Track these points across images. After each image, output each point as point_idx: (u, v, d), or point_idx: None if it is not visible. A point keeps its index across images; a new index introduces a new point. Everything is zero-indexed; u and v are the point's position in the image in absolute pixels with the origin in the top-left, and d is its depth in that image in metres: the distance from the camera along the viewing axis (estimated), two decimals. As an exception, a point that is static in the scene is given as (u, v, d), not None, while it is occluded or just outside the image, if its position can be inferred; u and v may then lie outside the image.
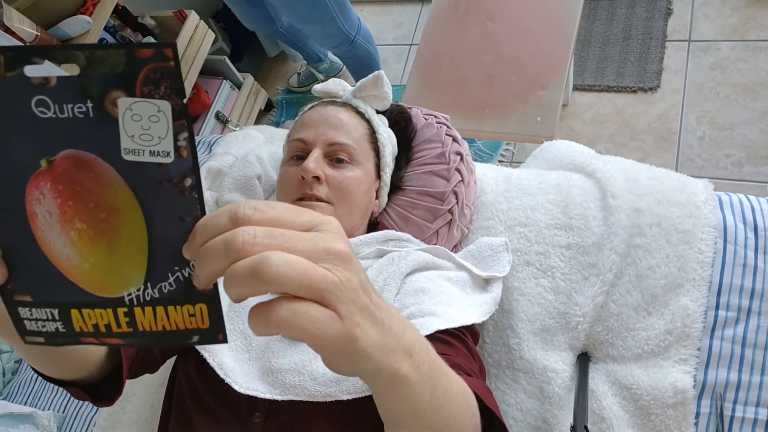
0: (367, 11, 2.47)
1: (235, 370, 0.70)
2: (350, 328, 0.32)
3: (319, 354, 0.34)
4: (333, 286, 0.31)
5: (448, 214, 0.91)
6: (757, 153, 1.66)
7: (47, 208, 0.32)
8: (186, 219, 0.32)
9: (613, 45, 1.99)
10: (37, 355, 0.52)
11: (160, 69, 0.29)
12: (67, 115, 0.30)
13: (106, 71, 0.29)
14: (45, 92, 0.30)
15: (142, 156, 0.31)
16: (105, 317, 0.34)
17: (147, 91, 0.30)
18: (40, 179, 0.32)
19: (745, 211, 0.87)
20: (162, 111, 0.30)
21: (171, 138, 0.31)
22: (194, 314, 0.34)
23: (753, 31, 1.85)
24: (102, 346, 0.44)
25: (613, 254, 0.84)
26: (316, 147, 0.81)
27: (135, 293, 0.34)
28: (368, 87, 0.90)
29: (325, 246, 0.32)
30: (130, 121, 0.30)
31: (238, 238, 0.30)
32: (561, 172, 0.98)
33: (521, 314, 0.86)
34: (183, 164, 0.31)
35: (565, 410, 0.80)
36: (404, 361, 0.38)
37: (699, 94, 1.81)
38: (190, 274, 0.33)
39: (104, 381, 0.63)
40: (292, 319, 0.30)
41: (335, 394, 0.66)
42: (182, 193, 0.32)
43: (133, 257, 0.33)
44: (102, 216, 0.32)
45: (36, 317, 0.35)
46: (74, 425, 1.06)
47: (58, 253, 0.33)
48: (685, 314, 0.80)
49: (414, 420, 0.42)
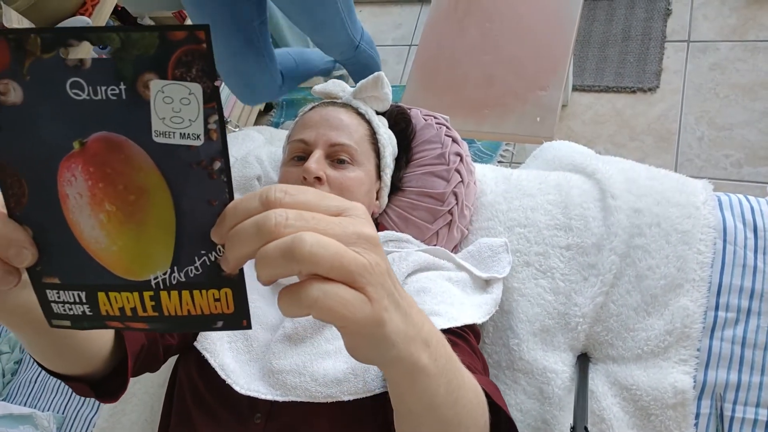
0: (366, 12, 2.47)
1: (236, 371, 0.70)
2: (379, 312, 0.33)
3: (345, 338, 0.34)
4: (363, 268, 0.31)
5: (448, 215, 0.91)
6: (756, 153, 1.67)
7: (78, 190, 0.32)
8: (214, 203, 0.32)
9: (612, 45, 1.99)
10: (43, 348, 0.52)
11: (192, 51, 0.29)
12: (100, 97, 0.30)
13: (139, 53, 0.29)
14: (80, 74, 0.30)
15: (173, 138, 0.31)
16: (131, 300, 0.34)
17: (179, 74, 0.30)
18: (72, 161, 0.32)
19: (745, 211, 0.87)
20: (193, 93, 0.30)
21: (201, 121, 0.31)
22: (219, 299, 0.34)
23: (752, 32, 1.86)
24: (126, 330, 0.44)
25: (612, 255, 0.84)
26: (317, 148, 0.81)
27: (161, 276, 0.34)
28: (368, 88, 0.90)
29: (354, 230, 0.32)
30: (162, 103, 0.30)
31: (270, 220, 0.30)
32: (560, 172, 0.98)
33: (521, 315, 0.86)
34: (212, 147, 0.31)
35: (565, 411, 0.80)
36: (423, 352, 0.38)
37: (698, 95, 1.81)
38: (217, 258, 0.33)
39: (107, 377, 0.63)
40: (323, 299, 0.30)
41: (336, 395, 0.66)
42: (211, 177, 0.32)
43: (160, 240, 0.33)
44: (131, 198, 0.32)
45: (63, 300, 0.35)
46: (74, 426, 1.06)
47: (88, 235, 0.33)
48: (685, 315, 0.80)
49: (429, 414, 0.42)
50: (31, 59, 0.30)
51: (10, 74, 0.30)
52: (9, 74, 0.30)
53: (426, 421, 0.43)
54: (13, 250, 0.32)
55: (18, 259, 0.32)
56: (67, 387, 1.12)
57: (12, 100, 0.31)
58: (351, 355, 0.36)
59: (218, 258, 0.33)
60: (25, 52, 0.30)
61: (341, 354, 0.70)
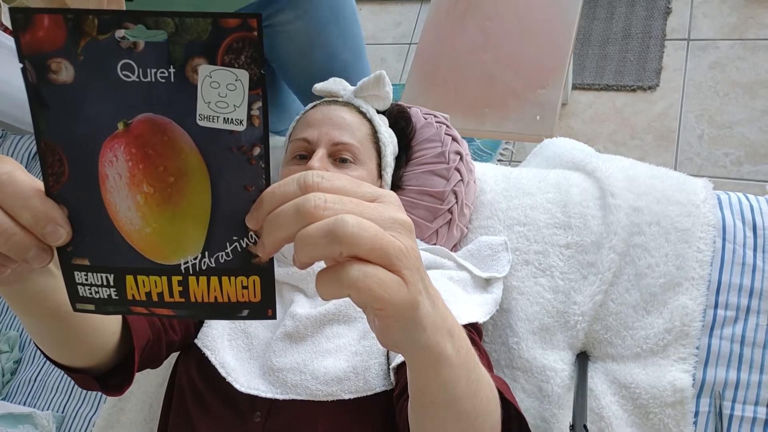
0: (366, 10, 2.46)
1: (237, 369, 0.70)
2: (414, 295, 0.33)
3: (379, 321, 0.35)
4: (400, 252, 0.32)
5: (448, 213, 0.91)
6: (756, 152, 1.66)
7: (118, 171, 0.32)
8: (250, 188, 0.33)
9: (612, 44, 1.99)
10: (53, 337, 0.52)
11: (243, 39, 0.30)
12: (149, 79, 0.31)
13: (192, 38, 0.30)
14: (132, 56, 0.30)
15: (216, 123, 0.31)
16: (159, 285, 0.34)
17: (228, 60, 0.30)
18: (115, 141, 0.32)
19: (744, 210, 0.87)
20: (240, 80, 0.31)
21: (245, 106, 0.31)
22: (247, 287, 0.34)
23: (752, 30, 1.85)
24: (150, 316, 0.44)
25: (612, 253, 0.84)
26: (320, 146, 0.81)
27: (192, 261, 0.34)
28: (370, 87, 0.90)
29: (390, 215, 0.33)
30: (209, 88, 0.31)
31: (309, 202, 0.31)
32: (560, 171, 0.98)
33: (520, 313, 0.86)
34: (254, 133, 0.32)
35: (564, 409, 0.80)
36: (448, 342, 0.38)
37: (698, 93, 1.81)
38: (248, 244, 0.33)
39: (111, 371, 0.63)
40: (363, 280, 0.30)
41: (337, 394, 0.66)
42: (250, 162, 0.32)
43: (194, 224, 0.33)
44: (170, 180, 0.32)
45: (90, 282, 0.35)
46: (73, 425, 1.06)
47: (123, 216, 0.33)
48: (684, 313, 0.80)
49: (450, 406, 0.43)
50: (86, 39, 0.30)
51: (64, 53, 0.30)
52: (63, 53, 0.30)
53: (446, 413, 0.43)
54: (50, 227, 0.32)
55: (53, 236, 0.32)
56: (66, 386, 1.12)
57: (63, 78, 0.31)
58: (380, 340, 0.36)
59: (249, 244, 0.33)
60: (82, 33, 0.30)
61: (342, 352, 0.70)
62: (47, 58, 0.30)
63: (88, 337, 0.54)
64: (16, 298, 0.44)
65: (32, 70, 0.31)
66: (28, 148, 1.54)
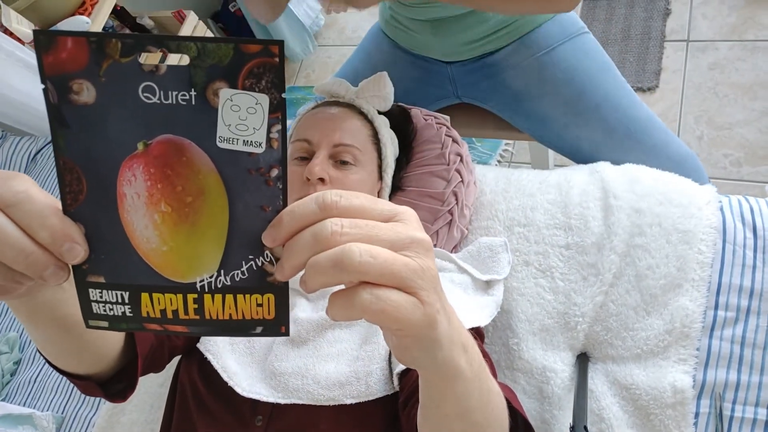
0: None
1: (239, 373, 0.70)
2: (432, 314, 0.33)
3: (397, 340, 0.35)
4: (413, 273, 0.32)
5: (448, 215, 0.91)
6: (756, 153, 1.67)
7: (136, 190, 0.33)
8: (267, 209, 0.33)
9: (611, 45, 1.99)
10: (58, 347, 0.52)
11: (264, 64, 0.30)
12: (170, 101, 0.31)
13: (213, 62, 0.30)
14: (153, 79, 0.31)
15: (236, 145, 0.32)
16: (174, 303, 0.35)
17: (248, 84, 0.31)
18: (134, 161, 0.32)
19: (744, 211, 0.88)
20: (260, 103, 0.31)
21: (265, 129, 0.32)
22: (261, 304, 0.35)
23: (751, 31, 1.86)
24: (164, 334, 0.43)
25: (612, 254, 0.84)
26: (321, 148, 0.80)
27: (207, 279, 0.34)
28: (371, 87, 0.90)
29: (407, 234, 0.33)
30: (229, 111, 0.31)
31: (326, 229, 0.31)
32: (561, 172, 0.98)
33: (520, 314, 0.86)
34: (272, 155, 0.32)
35: (565, 410, 0.80)
36: (462, 356, 0.39)
37: (697, 94, 1.81)
38: (264, 263, 0.34)
39: (113, 377, 0.63)
40: (375, 303, 0.31)
41: (339, 398, 0.66)
42: (267, 183, 0.33)
43: (211, 243, 0.34)
44: (188, 200, 0.33)
45: (105, 299, 0.35)
46: (73, 426, 1.06)
47: (140, 235, 0.33)
48: (684, 314, 0.80)
49: (462, 418, 0.43)
50: (109, 62, 0.30)
51: (87, 75, 0.31)
52: (85, 74, 0.31)
53: (459, 425, 0.43)
54: (68, 246, 0.32)
55: (71, 255, 0.33)
56: (66, 387, 1.12)
57: (84, 99, 0.31)
58: (398, 357, 0.37)
59: (265, 263, 0.34)
60: (104, 55, 0.30)
61: (344, 357, 0.70)
62: (69, 79, 0.31)
63: (92, 346, 0.54)
64: (24, 309, 0.44)
65: (54, 91, 0.31)
66: (28, 149, 1.54)
